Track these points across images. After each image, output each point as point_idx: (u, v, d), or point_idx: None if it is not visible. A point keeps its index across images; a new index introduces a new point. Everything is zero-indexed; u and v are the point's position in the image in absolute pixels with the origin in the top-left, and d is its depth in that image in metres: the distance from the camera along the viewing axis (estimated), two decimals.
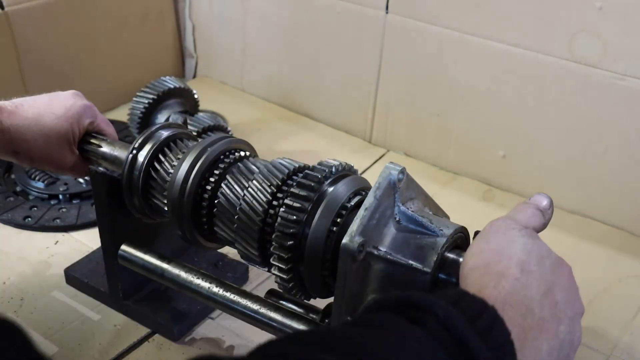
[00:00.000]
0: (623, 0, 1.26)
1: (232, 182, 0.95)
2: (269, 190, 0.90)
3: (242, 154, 1.01)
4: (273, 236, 0.88)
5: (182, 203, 0.96)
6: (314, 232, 0.85)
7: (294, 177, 0.92)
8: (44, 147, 1.06)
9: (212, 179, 0.97)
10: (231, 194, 0.94)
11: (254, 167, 0.96)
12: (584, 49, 1.32)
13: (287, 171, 0.92)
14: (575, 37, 1.32)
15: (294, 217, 0.86)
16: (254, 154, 1.04)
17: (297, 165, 0.94)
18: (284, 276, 0.88)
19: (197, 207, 0.97)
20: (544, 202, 0.78)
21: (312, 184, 0.87)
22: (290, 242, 0.86)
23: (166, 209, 1.00)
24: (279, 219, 0.87)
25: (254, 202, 0.91)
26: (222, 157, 0.99)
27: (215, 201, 0.96)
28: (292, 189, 0.88)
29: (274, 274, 0.90)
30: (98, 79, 1.71)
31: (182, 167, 0.97)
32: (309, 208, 0.86)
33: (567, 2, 1.31)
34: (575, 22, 1.31)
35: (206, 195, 0.97)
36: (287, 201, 0.88)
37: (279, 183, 0.91)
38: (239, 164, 0.98)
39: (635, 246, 1.38)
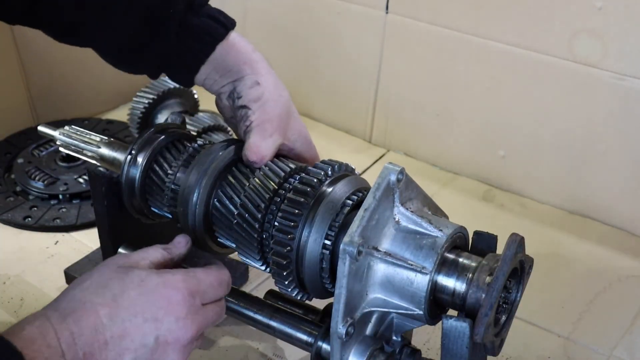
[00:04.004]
0: (623, 0, 1.26)
1: (229, 188, 0.94)
2: (267, 196, 0.90)
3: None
4: (271, 244, 0.87)
5: (195, 211, 0.95)
6: (313, 235, 0.85)
7: (291, 180, 0.91)
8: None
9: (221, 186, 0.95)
10: (228, 201, 0.93)
11: (248, 172, 0.95)
12: (584, 49, 1.32)
13: (283, 174, 0.91)
14: (575, 37, 1.32)
15: (291, 224, 0.86)
16: None
17: (294, 167, 0.93)
18: (284, 280, 0.88)
19: (207, 215, 0.96)
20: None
21: (308, 189, 0.87)
22: (288, 249, 0.86)
23: (165, 209, 1.00)
24: (275, 230, 0.87)
25: (252, 207, 0.90)
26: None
27: (213, 208, 0.95)
28: (288, 194, 0.88)
29: (274, 278, 0.90)
30: (98, 79, 1.71)
31: (192, 174, 0.96)
32: (305, 214, 0.86)
33: (567, 2, 1.31)
34: (575, 22, 1.31)
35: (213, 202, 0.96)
36: (284, 206, 0.87)
37: (276, 187, 0.90)
38: (236, 166, 0.97)
39: (635, 246, 1.38)
